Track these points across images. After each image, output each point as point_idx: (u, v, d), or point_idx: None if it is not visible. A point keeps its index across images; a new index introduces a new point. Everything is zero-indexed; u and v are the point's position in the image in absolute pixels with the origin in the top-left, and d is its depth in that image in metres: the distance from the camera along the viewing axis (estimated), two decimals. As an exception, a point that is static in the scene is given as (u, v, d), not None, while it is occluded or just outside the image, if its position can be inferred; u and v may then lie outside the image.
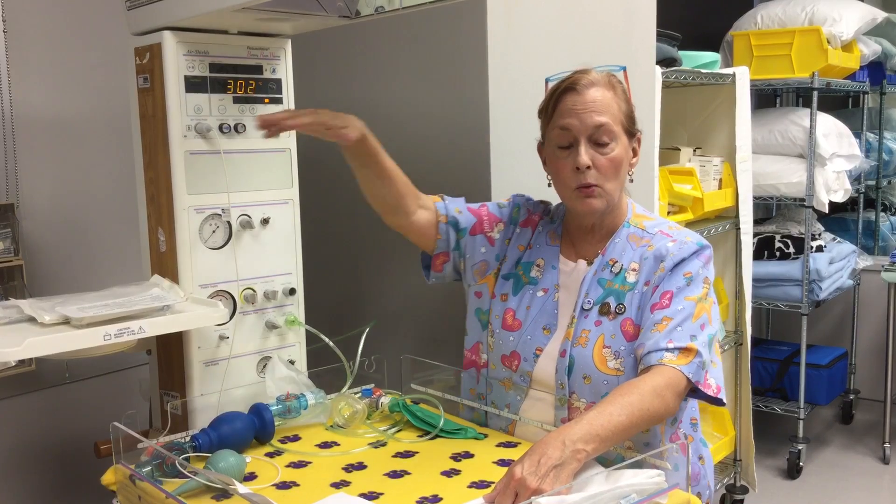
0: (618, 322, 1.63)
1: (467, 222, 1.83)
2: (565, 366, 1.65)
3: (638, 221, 1.73)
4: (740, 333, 3.12)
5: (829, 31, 3.72)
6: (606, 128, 1.62)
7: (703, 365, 1.55)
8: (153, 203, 1.96)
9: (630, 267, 1.67)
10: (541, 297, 1.74)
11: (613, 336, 1.63)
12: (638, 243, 1.70)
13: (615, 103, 1.65)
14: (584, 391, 1.63)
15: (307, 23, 1.95)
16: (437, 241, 1.83)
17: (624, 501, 1.30)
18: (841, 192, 3.79)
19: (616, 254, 1.70)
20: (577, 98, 1.63)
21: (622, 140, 1.65)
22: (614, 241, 1.71)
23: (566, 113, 1.64)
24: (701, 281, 1.62)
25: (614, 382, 1.60)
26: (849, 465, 3.89)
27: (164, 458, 1.51)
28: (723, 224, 2.99)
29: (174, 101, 1.87)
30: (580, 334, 1.65)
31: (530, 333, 1.71)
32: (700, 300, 1.60)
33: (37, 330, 1.66)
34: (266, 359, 2.04)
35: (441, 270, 1.86)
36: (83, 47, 2.59)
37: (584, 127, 1.62)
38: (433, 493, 1.45)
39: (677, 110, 3.10)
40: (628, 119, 1.67)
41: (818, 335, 4.64)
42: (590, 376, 1.62)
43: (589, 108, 1.62)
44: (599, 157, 1.63)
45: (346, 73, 2.97)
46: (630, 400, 1.45)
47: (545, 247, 1.79)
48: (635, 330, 1.62)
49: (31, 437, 2.50)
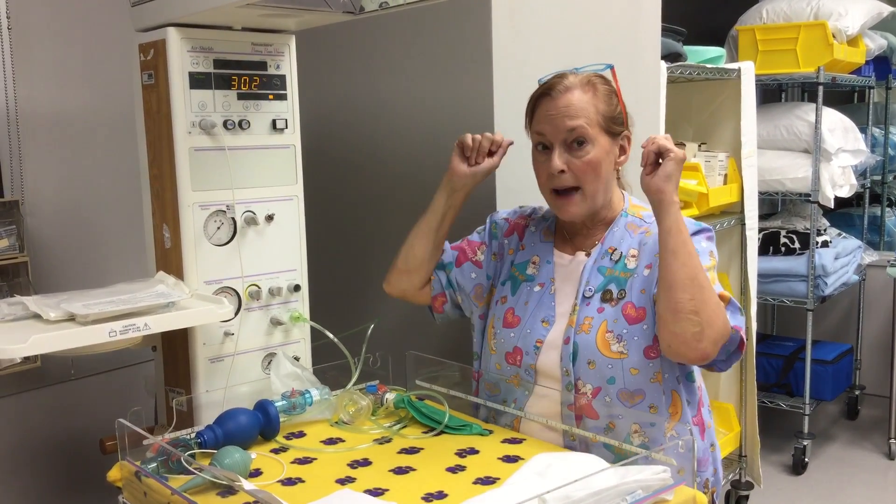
0: (619, 307, 1.65)
1: (450, 257, 1.91)
2: (570, 353, 1.66)
3: (635, 211, 1.76)
4: (745, 329, 3.10)
5: (834, 26, 3.71)
6: (579, 131, 1.65)
7: (741, 311, 1.62)
8: (158, 199, 1.96)
9: (629, 253, 1.69)
10: (537, 291, 1.76)
11: (616, 321, 1.65)
12: (636, 231, 1.72)
13: (592, 105, 1.66)
14: (589, 376, 1.64)
15: (311, 18, 1.94)
16: (432, 284, 1.91)
17: (630, 498, 1.30)
18: (846, 187, 3.78)
19: (615, 242, 1.72)
20: (552, 103, 1.67)
21: (600, 141, 1.67)
22: (612, 231, 1.73)
23: (541, 119, 1.68)
24: (707, 254, 1.65)
25: (618, 366, 1.62)
26: (854, 461, 3.89)
27: (169, 455, 1.51)
28: (728, 219, 2.99)
29: (178, 98, 1.86)
30: (583, 321, 1.67)
31: (529, 327, 1.73)
32: (710, 269, 1.62)
33: (42, 327, 1.66)
34: (271, 355, 2.04)
35: (442, 311, 1.93)
36: (87, 44, 2.59)
37: (558, 132, 1.66)
38: (438, 490, 1.45)
39: (682, 105, 3.09)
40: (608, 119, 1.68)
41: (823, 331, 4.63)
42: (594, 361, 1.64)
43: (562, 112, 1.65)
44: (575, 161, 1.66)
45: (351, 70, 2.96)
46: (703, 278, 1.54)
47: (539, 244, 1.82)
48: (637, 313, 1.64)
49: (36, 433, 2.50)
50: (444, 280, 1.91)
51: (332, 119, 3.00)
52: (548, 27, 2.33)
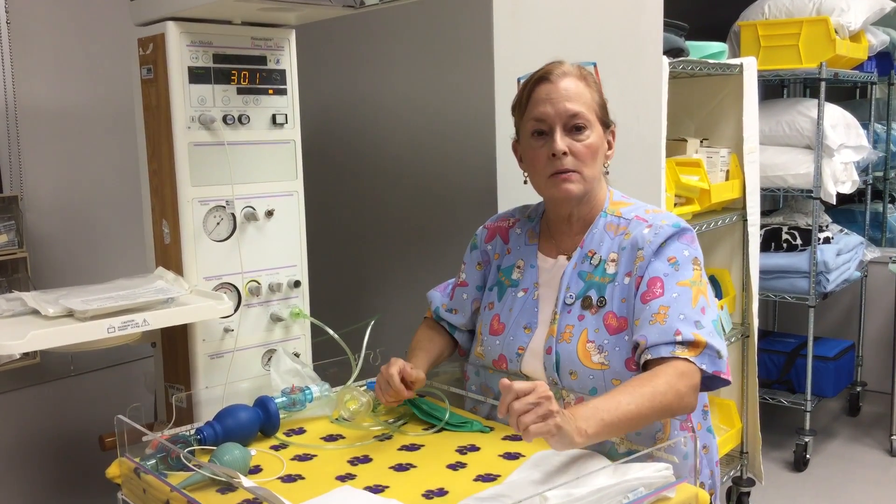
0: (600, 316, 1.63)
1: (443, 299, 1.92)
2: (553, 362, 1.65)
3: (615, 209, 1.72)
4: (747, 325, 3.10)
5: (836, 22, 3.70)
6: (582, 116, 1.64)
7: (719, 354, 1.54)
8: (157, 195, 1.95)
9: (609, 258, 1.67)
10: (521, 297, 1.75)
11: (597, 330, 1.62)
12: (615, 232, 1.69)
13: (588, 93, 1.66)
14: (571, 386, 1.63)
15: (311, 12, 1.93)
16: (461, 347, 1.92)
17: (632, 495, 1.30)
18: (849, 183, 3.77)
19: (594, 245, 1.69)
20: (551, 87, 1.65)
21: (597, 128, 1.66)
22: (592, 232, 1.71)
23: (540, 102, 1.65)
24: (689, 263, 1.61)
25: (600, 377, 1.60)
26: (856, 458, 3.88)
27: (168, 451, 1.50)
28: (730, 216, 2.98)
29: (178, 92, 1.85)
30: (564, 330, 1.65)
31: (512, 334, 1.72)
32: (694, 283, 1.58)
33: (40, 323, 1.66)
34: (271, 351, 2.03)
35: (464, 353, 1.92)
36: (86, 38, 2.58)
37: (559, 114, 1.63)
38: (439, 487, 1.44)
39: (684, 101, 3.07)
40: (602, 109, 1.68)
41: (825, 327, 4.62)
42: (576, 371, 1.62)
43: (563, 96, 1.64)
44: (576, 144, 1.64)
45: (351, 64, 2.95)
46: (642, 391, 1.44)
47: (524, 247, 1.80)
48: (618, 323, 1.61)
49: (35, 429, 2.49)
50: (448, 326, 1.91)
51: (332, 114, 2.99)
52: (549, 22, 2.32)
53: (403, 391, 1.70)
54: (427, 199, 2.75)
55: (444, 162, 2.69)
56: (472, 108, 2.56)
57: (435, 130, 2.73)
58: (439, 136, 2.72)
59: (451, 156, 2.69)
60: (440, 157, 2.71)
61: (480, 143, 2.52)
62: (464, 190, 2.62)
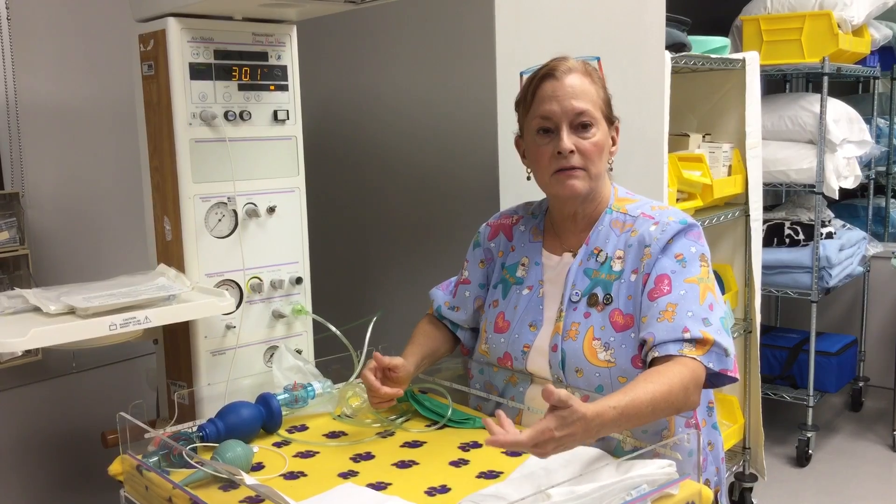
0: (606, 313, 1.62)
1: (445, 297, 1.91)
2: (558, 360, 1.64)
3: (620, 206, 1.71)
4: (749, 321, 3.10)
5: (839, 16, 3.69)
6: (588, 114, 1.62)
7: (727, 352, 1.53)
8: (158, 191, 1.95)
9: (615, 255, 1.65)
10: (526, 294, 1.74)
11: (603, 328, 1.61)
12: (622, 229, 1.67)
13: (593, 89, 1.65)
14: (577, 384, 1.62)
15: (312, 8, 1.93)
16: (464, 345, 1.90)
17: (635, 492, 1.29)
18: (851, 178, 3.76)
19: (600, 242, 1.68)
20: (557, 84, 1.63)
21: (602, 126, 1.65)
22: (597, 229, 1.69)
23: (546, 99, 1.63)
24: (697, 259, 1.60)
25: (606, 375, 1.59)
26: (858, 453, 3.88)
27: (171, 449, 1.50)
28: (732, 211, 2.97)
29: (179, 89, 1.85)
30: (570, 327, 1.64)
31: (517, 332, 1.71)
32: (702, 280, 1.57)
33: (42, 320, 1.66)
34: (273, 348, 2.03)
35: (467, 352, 1.91)
36: (87, 35, 2.57)
37: (565, 112, 1.62)
38: (441, 483, 1.44)
39: (687, 96, 3.07)
40: (607, 105, 1.67)
41: (828, 322, 4.62)
42: (582, 369, 1.61)
43: (569, 93, 1.62)
44: (582, 142, 1.63)
45: (352, 60, 2.94)
46: (650, 388, 1.43)
47: (528, 244, 1.79)
48: (624, 320, 1.60)
49: (37, 427, 2.49)
50: (450, 325, 1.90)
51: (333, 110, 2.98)
52: (551, 18, 2.31)
53: (380, 389, 1.67)
54: (429, 195, 2.74)
55: (446, 158, 2.68)
56: (475, 103, 2.55)
57: (437, 126, 2.73)
58: (441, 132, 2.71)
59: (453, 152, 2.69)
60: (442, 153, 2.70)
61: (483, 138, 2.51)
62: (466, 186, 2.61)
